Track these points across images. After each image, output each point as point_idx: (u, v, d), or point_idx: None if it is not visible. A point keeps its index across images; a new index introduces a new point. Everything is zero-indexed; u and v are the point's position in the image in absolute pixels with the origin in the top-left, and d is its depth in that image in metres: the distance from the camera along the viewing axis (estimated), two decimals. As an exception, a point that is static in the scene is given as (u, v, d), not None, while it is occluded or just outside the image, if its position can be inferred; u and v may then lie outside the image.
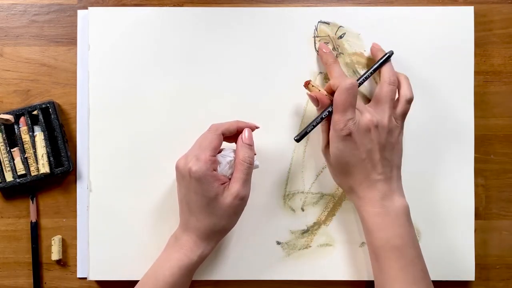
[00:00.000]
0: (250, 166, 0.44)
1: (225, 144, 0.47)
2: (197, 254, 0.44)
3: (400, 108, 0.46)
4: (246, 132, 0.45)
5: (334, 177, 0.48)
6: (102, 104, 0.50)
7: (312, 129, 0.45)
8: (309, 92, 0.47)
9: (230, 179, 0.44)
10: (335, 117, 0.43)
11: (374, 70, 0.47)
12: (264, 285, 0.51)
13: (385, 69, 0.47)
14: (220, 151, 0.45)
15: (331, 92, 0.46)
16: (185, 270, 0.43)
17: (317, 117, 0.45)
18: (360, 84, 0.47)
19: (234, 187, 0.43)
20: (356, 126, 0.43)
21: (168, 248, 0.45)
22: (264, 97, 0.50)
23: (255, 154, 0.47)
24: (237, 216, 0.45)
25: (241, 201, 0.43)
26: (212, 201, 0.42)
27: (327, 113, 0.45)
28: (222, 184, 0.43)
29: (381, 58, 0.47)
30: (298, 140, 0.46)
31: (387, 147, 0.44)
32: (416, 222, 0.50)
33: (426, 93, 0.50)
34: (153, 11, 0.50)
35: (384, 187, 0.44)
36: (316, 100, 0.46)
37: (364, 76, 0.47)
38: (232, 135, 0.46)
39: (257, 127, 0.46)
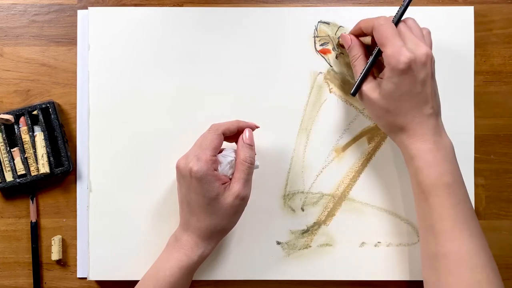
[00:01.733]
0: (251, 166, 0.44)
1: (226, 144, 0.47)
2: (197, 254, 0.44)
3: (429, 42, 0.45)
4: (247, 132, 0.45)
5: (380, 117, 0.45)
6: (102, 104, 0.50)
7: (366, 76, 0.45)
8: (342, 35, 0.47)
9: (231, 179, 0.44)
10: (388, 51, 0.42)
11: (405, 9, 0.44)
12: (264, 285, 0.51)
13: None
14: (220, 151, 0.45)
15: (359, 35, 0.47)
16: (185, 270, 0.43)
17: (368, 63, 0.45)
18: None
19: (235, 187, 0.43)
20: (414, 59, 0.41)
21: (169, 248, 0.45)
22: (264, 97, 0.50)
23: (255, 154, 0.47)
24: (238, 216, 0.45)
25: (242, 201, 0.43)
26: (213, 201, 0.42)
27: (376, 51, 0.44)
28: (223, 184, 0.43)
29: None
30: (354, 94, 0.45)
31: (434, 81, 0.44)
32: (416, 222, 0.50)
33: (426, 93, 0.50)
34: (153, 11, 0.50)
35: (434, 122, 0.43)
36: (348, 40, 0.46)
37: (398, 13, 0.44)
38: (232, 135, 0.46)
39: (257, 127, 0.46)
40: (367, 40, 0.47)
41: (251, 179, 0.44)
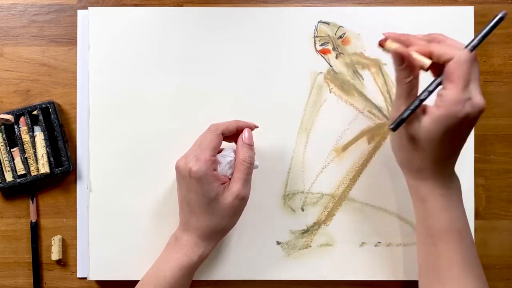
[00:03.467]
0: (251, 166, 0.44)
1: (225, 144, 0.47)
2: (197, 254, 0.44)
3: None
4: (246, 132, 0.45)
5: (404, 151, 0.41)
6: (102, 104, 0.50)
7: (411, 113, 0.38)
8: (393, 47, 0.38)
9: (230, 179, 0.44)
10: (453, 93, 0.36)
11: (486, 35, 0.39)
12: (264, 285, 0.51)
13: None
14: (220, 151, 0.45)
15: (404, 45, 0.40)
16: (185, 270, 0.43)
17: (420, 95, 0.38)
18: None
19: (235, 187, 0.43)
20: (471, 114, 0.37)
21: (169, 248, 0.45)
22: (264, 97, 0.50)
23: (254, 154, 0.46)
24: (238, 216, 0.45)
25: (242, 201, 0.43)
26: (213, 201, 0.42)
27: (435, 85, 0.38)
28: (223, 184, 0.43)
29: (494, 22, 0.39)
30: (395, 129, 0.38)
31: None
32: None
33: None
34: (153, 11, 0.50)
35: (452, 168, 0.41)
36: (401, 59, 0.37)
37: (475, 42, 0.38)
38: (231, 135, 0.45)
39: (256, 127, 0.46)
40: (424, 62, 0.38)
41: (250, 179, 0.44)
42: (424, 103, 0.38)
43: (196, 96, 0.50)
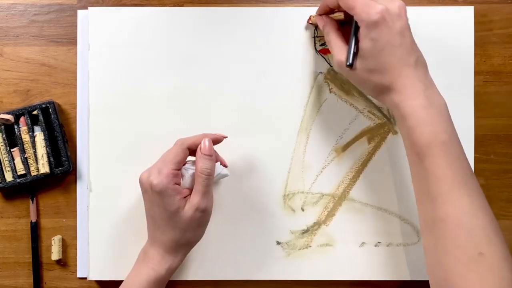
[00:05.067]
0: (209, 177, 0.43)
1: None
2: (164, 267, 0.44)
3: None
4: (205, 142, 0.44)
5: (365, 81, 0.42)
6: (102, 104, 0.50)
7: (356, 45, 0.42)
8: (315, 16, 0.47)
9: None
10: (357, 9, 0.40)
11: None
12: (264, 285, 0.51)
13: None
14: (185, 164, 0.45)
15: (327, 13, 0.46)
16: (154, 284, 0.43)
17: (352, 32, 0.42)
18: None
19: (194, 199, 0.42)
20: (387, 10, 0.40)
21: (138, 263, 0.45)
22: (264, 97, 0.50)
23: (226, 166, 0.46)
24: (202, 227, 0.45)
25: (203, 213, 0.43)
26: (174, 215, 0.42)
27: (354, 22, 0.42)
28: (184, 197, 0.43)
29: None
30: (352, 64, 0.42)
31: (410, 32, 0.41)
32: (416, 222, 0.50)
33: (426, 93, 0.50)
34: (153, 11, 0.50)
35: (423, 75, 0.40)
36: (322, 20, 0.46)
37: None
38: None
39: (224, 137, 0.46)
40: (339, 17, 0.46)
41: (210, 190, 0.44)
42: None
43: (196, 96, 0.50)
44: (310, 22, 0.50)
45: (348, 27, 0.44)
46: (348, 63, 0.42)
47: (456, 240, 0.37)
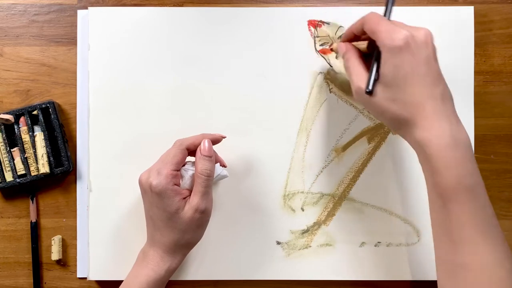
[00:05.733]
0: (208, 178, 0.43)
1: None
2: (163, 268, 0.44)
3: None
4: (206, 143, 0.44)
5: (384, 111, 0.39)
6: (102, 104, 0.50)
7: (378, 72, 0.39)
8: (338, 42, 0.45)
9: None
10: (381, 35, 0.38)
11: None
12: (264, 285, 0.51)
13: None
14: (184, 165, 0.45)
15: (351, 40, 0.44)
16: (153, 285, 0.43)
17: (374, 58, 0.40)
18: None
19: (194, 200, 0.42)
20: (412, 36, 0.37)
21: (137, 263, 0.45)
22: (264, 97, 0.50)
23: (225, 166, 0.47)
24: (201, 229, 0.45)
25: (202, 214, 0.43)
26: (174, 216, 0.42)
27: (376, 52, 0.40)
28: (184, 198, 0.43)
29: None
30: (372, 91, 0.39)
31: (438, 64, 0.39)
32: (416, 222, 0.50)
33: (426, 93, 0.50)
34: (153, 11, 0.50)
35: (450, 110, 0.37)
36: (344, 47, 0.43)
37: (388, 9, 0.42)
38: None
39: (223, 137, 0.46)
40: (362, 46, 0.43)
41: (210, 191, 0.44)
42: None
43: (196, 96, 0.50)
44: (331, 48, 0.49)
45: (370, 58, 0.41)
46: (368, 90, 0.39)
47: None
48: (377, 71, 0.39)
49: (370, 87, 0.39)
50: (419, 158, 0.39)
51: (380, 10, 0.50)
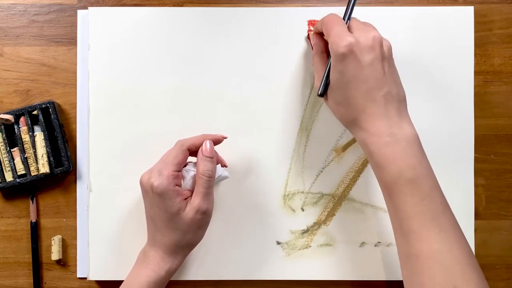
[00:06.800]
0: (210, 179, 0.43)
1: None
2: (164, 269, 0.44)
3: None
4: (207, 144, 0.44)
5: (333, 111, 0.43)
6: (102, 104, 0.50)
7: (328, 73, 0.42)
8: (310, 35, 0.48)
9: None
10: (330, 39, 0.40)
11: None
12: (264, 285, 0.51)
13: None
14: (186, 166, 0.45)
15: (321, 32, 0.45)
16: (153, 285, 0.43)
17: (329, 61, 0.42)
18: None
19: (195, 201, 0.42)
20: (356, 43, 0.39)
21: (138, 264, 0.45)
22: (264, 97, 0.50)
23: (226, 166, 0.47)
24: (202, 229, 0.45)
25: (203, 215, 0.43)
26: (175, 216, 0.42)
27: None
28: (185, 199, 0.43)
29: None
30: (322, 94, 0.42)
31: (390, 66, 0.41)
32: (416, 222, 0.50)
33: (426, 93, 0.50)
34: (153, 11, 0.50)
35: (392, 110, 0.39)
36: (313, 39, 0.46)
37: (347, 11, 0.44)
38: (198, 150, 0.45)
39: (224, 137, 0.46)
40: None
41: (211, 192, 0.44)
42: None
43: (196, 96, 0.50)
44: (308, 35, 0.50)
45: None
46: (319, 93, 0.43)
47: (432, 277, 0.37)
48: (328, 70, 0.42)
49: (321, 91, 0.42)
50: (365, 154, 0.42)
51: (379, 10, 0.50)
